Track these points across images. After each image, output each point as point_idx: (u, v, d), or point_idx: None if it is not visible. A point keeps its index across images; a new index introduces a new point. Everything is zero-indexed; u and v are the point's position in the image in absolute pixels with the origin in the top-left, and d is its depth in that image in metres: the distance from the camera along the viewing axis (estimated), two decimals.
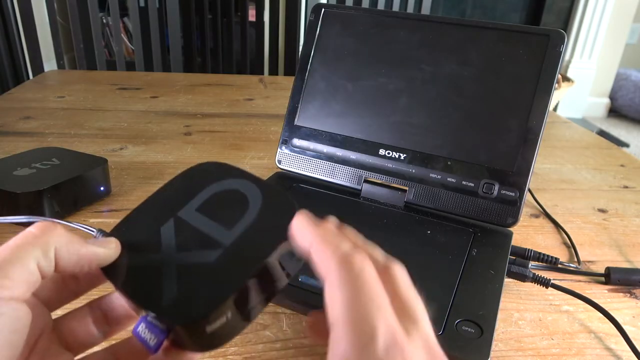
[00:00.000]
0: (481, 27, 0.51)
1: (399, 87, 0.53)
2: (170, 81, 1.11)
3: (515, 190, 0.49)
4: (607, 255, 0.53)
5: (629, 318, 0.43)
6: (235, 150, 0.74)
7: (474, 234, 0.49)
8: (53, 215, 0.51)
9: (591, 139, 0.92)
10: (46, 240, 0.21)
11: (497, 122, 0.50)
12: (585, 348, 0.39)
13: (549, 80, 0.49)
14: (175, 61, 1.66)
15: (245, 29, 1.98)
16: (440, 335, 0.34)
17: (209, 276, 0.23)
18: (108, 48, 2.56)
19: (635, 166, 0.79)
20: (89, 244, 0.23)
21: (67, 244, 0.22)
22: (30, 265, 0.20)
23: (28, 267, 0.20)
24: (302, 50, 0.58)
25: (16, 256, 0.20)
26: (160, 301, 0.23)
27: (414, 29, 0.53)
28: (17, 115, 0.83)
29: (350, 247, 0.21)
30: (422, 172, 0.52)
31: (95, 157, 0.58)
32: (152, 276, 0.24)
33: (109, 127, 0.81)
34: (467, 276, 0.41)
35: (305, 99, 0.57)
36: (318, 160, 0.57)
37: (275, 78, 1.25)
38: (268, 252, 0.23)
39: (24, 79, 1.57)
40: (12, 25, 1.50)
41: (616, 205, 0.65)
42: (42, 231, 0.22)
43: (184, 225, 0.26)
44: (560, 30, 0.49)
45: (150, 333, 0.23)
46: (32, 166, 0.53)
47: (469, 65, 0.51)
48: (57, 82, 1.07)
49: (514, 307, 0.43)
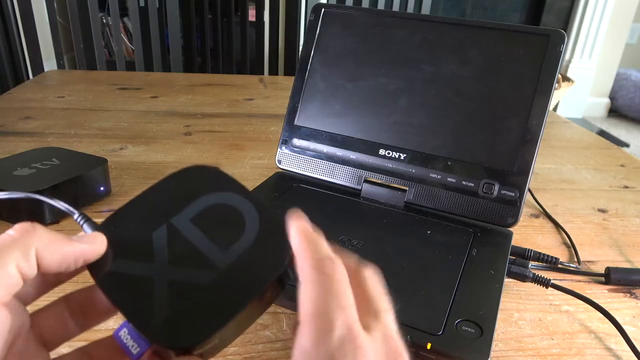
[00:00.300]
0: (481, 27, 0.51)
1: (399, 87, 0.53)
2: (170, 81, 1.11)
3: (515, 190, 0.49)
4: (607, 255, 0.53)
5: (629, 318, 0.43)
6: (235, 150, 0.74)
7: (474, 234, 0.49)
8: (53, 216, 0.51)
9: (591, 139, 0.92)
10: (25, 241, 0.21)
11: (497, 122, 0.50)
12: (585, 348, 0.39)
13: (549, 80, 0.49)
14: (175, 61, 1.66)
15: (245, 29, 1.98)
16: (440, 335, 0.34)
17: (203, 300, 0.23)
18: (108, 48, 2.56)
19: (635, 166, 0.79)
20: (73, 241, 0.23)
21: (48, 244, 0.21)
22: (8, 268, 0.20)
23: (6, 270, 0.20)
24: (302, 50, 0.58)
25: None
26: (150, 319, 0.22)
27: (414, 29, 0.53)
28: (17, 115, 0.83)
29: (327, 253, 0.23)
30: (422, 172, 0.52)
31: (95, 157, 0.58)
32: (142, 288, 0.23)
33: (109, 127, 0.81)
34: (467, 276, 0.41)
35: (305, 99, 0.57)
36: (318, 160, 0.57)
37: (275, 78, 1.25)
38: (265, 281, 0.23)
39: (24, 79, 1.57)
40: (12, 25, 1.50)
41: (616, 205, 0.65)
42: (20, 233, 0.21)
43: (177, 236, 0.25)
44: (560, 30, 0.49)
45: (133, 341, 0.23)
46: (32, 166, 0.53)
47: (469, 65, 0.51)
48: (57, 82, 1.07)
49: (514, 307, 0.43)
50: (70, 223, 0.52)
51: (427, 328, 0.35)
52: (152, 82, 1.10)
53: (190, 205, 0.26)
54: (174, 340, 0.22)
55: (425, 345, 0.33)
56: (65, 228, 0.51)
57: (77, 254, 0.23)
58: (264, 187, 0.55)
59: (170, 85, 1.08)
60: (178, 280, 0.23)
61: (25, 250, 0.21)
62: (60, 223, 0.52)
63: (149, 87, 1.06)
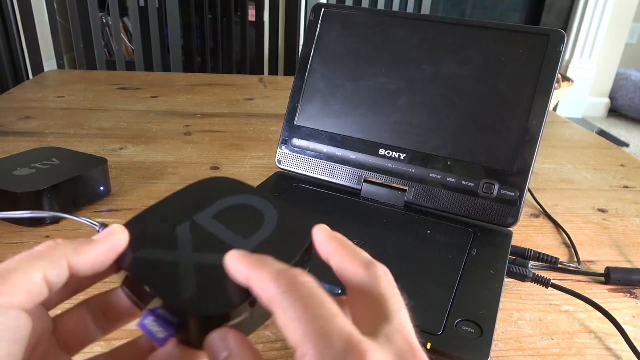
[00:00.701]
0: (481, 27, 0.51)
1: (399, 87, 0.53)
2: (170, 81, 1.11)
3: (515, 190, 0.49)
4: (607, 255, 0.53)
5: (629, 318, 0.43)
6: (235, 150, 0.74)
7: (474, 234, 0.49)
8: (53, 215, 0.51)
9: (591, 139, 0.92)
10: (53, 253, 0.21)
11: (497, 122, 0.50)
12: (585, 348, 0.39)
13: (549, 80, 0.49)
14: (175, 61, 1.66)
15: (245, 29, 1.98)
16: (440, 335, 0.34)
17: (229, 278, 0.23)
18: (108, 48, 2.56)
19: (635, 166, 0.79)
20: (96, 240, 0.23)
21: (76, 251, 0.22)
22: (33, 274, 0.20)
23: (30, 276, 0.20)
24: (302, 50, 0.58)
25: (19, 266, 0.20)
26: (178, 292, 0.23)
27: (414, 29, 0.53)
28: (17, 115, 0.83)
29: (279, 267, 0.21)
30: (422, 172, 0.52)
31: (95, 157, 0.58)
32: (169, 269, 0.24)
33: (109, 127, 0.81)
34: (467, 276, 0.41)
35: (305, 99, 0.57)
36: (318, 160, 0.57)
37: (275, 78, 1.25)
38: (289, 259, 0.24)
39: (24, 79, 1.57)
40: (12, 25, 1.50)
41: (616, 205, 0.65)
42: (47, 247, 0.22)
43: (200, 230, 0.26)
44: (560, 30, 0.49)
45: (158, 327, 0.23)
46: (32, 166, 0.53)
47: (469, 65, 0.51)
48: (57, 82, 1.07)
49: (514, 307, 0.43)
50: (70, 223, 0.52)
51: (427, 328, 0.35)
52: (152, 82, 1.10)
53: (211, 206, 0.28)
54: (204, 309, 0.22)
55: (425, 345, 0.33)
56: (65, 228, 0.51)
57: (107, 248, 0.23)
58: (264, 187, 0.55)
59: (170, 85, 1.08)
60: (204, 263, 0.24)
61: (54, 260, 0.21)
62: (60, 223, 0.52)
63: (149, 87, 1.06)
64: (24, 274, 0.20)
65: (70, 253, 0.22)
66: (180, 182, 0.62)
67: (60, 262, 0.21)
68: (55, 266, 0.21)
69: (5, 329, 0.18)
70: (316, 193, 0.54)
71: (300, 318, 0.19)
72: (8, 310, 0.19)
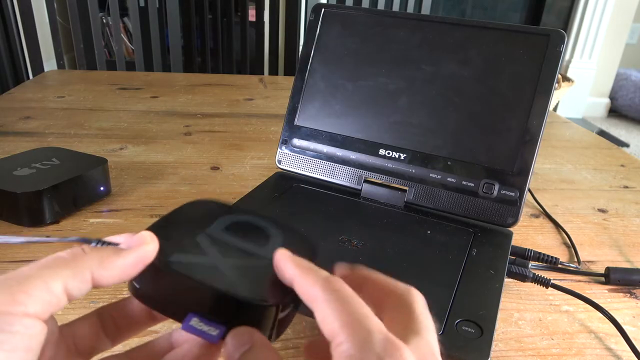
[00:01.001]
0: (481, 27, 0.51)
1: (399, 87, 0.53)
2: (170, 81, 1.11)
3: (515, 190, 0.49)
4: (607, 255, 0.53)
5: (629, 318, 0.43)
6: (235, 150, 0.74)
7: (474, 234, 0.49)
8: (53, 216, 0.51)
9: (591, 139, 0.92)
10: (76, 263, 0.20)
11: (497, 122, 0.50)
12: (585, 348, 0.39)
13: (549, 80, 0.49)
14: (175, 61, 1.66)
15: (245, 29, 1.98)
16: (440, 335, 0.34)
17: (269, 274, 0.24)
18: (108, 48, 2.56)
19: (635, 166, 0.79)
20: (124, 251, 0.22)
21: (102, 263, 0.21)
22: (52, 284, 0.19)
23: (50, 285, 0.19)
24: (302, 50, 0.58)
25: (38, 273, 0.19)
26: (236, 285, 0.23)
27: (414, 29, 0.53)
28: (17, 115, 0.83)
29: (326, 274, 0.23)
30: (422, 172, 0.52)
31: (95, 157, 0.58)
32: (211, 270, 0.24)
33: (109, 127, 0.81)
34: (467, 276, 0.41)
35: (305, 99, 0.57)
36: (318, 160, 0.57)
37: (275, 78, 1.25)
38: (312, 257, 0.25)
39: (24, 79, 1.56)
40: (12, 25, 1.50)
41: (616, 205, 0.65)
42: (71, 255, 0.21)
43: (219, 240, 0.26)
44: (560, 30, 0.49)
45: (207, 326, 0.22)
46: (32, 166, 0.53)
47: (469, 65, 0.51)
48: (57, 82, 1.07)
49: (514, 307, 0.43)
50: (70, 223, 0.52)
51: None
52: (152, 82, 1.10)
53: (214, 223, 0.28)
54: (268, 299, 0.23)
55: None
56: (65, 228, 0.51)
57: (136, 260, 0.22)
58: (264, 187, 0.55)
59: (170, 85, 1.08)
60: (240, 265, 0.25)
61: (77, 271, 0.20)
62: (60, 223, 0.52)
63: (149, 87, 1.06)
64: (43, 282, 0.19)
65: (96, 265, 0.21)
66: (180, 182, 0.62)
67: (84, 274, 0.20)
68: (77, 278, 0.20)
69: (20, 337, 0.18)
70: (316, 193, 0.54)
71: (340, 311, 0.20)
72: (23, 319, 0.18)
